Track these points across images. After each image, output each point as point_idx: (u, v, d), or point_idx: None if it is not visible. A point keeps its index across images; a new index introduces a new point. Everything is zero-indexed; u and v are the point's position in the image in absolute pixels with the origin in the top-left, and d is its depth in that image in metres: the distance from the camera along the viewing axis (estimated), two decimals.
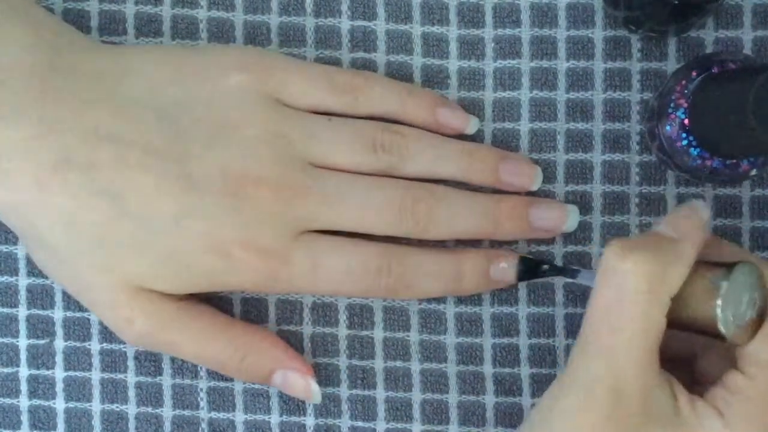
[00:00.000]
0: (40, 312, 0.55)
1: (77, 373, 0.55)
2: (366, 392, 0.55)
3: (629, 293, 0.45)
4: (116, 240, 0.50)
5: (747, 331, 0.46)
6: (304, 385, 0.53)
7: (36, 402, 0.55)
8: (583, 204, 0.54)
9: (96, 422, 0.55)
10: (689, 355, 0.50)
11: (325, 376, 0.55)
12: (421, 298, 0.54)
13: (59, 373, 0.55)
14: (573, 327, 0.54)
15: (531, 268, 0.52)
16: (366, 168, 0.51)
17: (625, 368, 0.45)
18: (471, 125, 0.53)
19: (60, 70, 0.50)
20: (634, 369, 0.45)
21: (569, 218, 0.53)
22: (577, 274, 0.51)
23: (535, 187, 0.53)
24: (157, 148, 0.50)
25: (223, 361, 0.52)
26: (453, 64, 0.54)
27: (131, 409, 0.55)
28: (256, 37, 0.54)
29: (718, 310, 0.45)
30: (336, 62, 0.54)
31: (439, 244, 0.53)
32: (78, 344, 0.55)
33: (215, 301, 0.54)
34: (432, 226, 0.51)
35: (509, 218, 0.52)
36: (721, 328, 0.45)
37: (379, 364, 0.55)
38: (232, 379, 0.55)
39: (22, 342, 0.55)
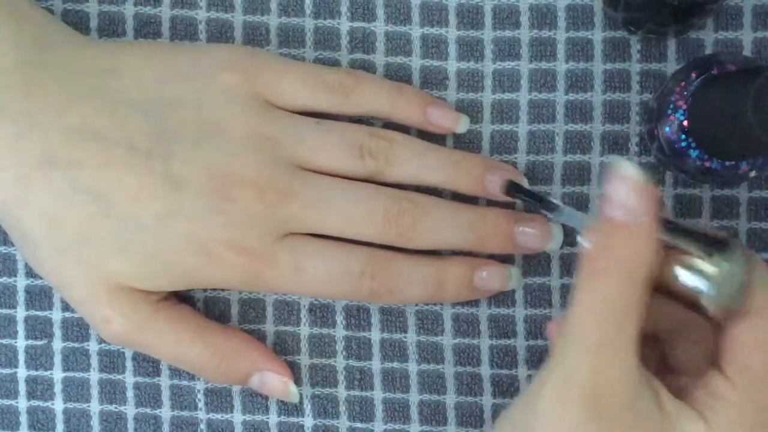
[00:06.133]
0: (39, 313, 0.55)
1: (76, 374, 0.55)
2: (364, 393, 0.54)
3: (617, 285, 0.43)
4: (98, 238, 0.50)
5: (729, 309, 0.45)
6: (282, 386, 0.53)
7: (34, 403, 0.55)
8: (581, 205, 0.54)
9: (95, 423, 0.55)
10: (654, 334, 0.49)
11: (322, 377, 0.55)
12: (403, 303, 0.54)
13: (58, 374, 0.55)
14: None
15: (517, 189, 0.50)
16: (352, 173, 0.51)
17: (613, 365, 0.43)
18: (461, 125, 0.53)
19: (46, 65, 0.50)
20: (620, 367, 0.44)
21: (554, 237, 0.53)
22: (557, 210, 0.48)
23: None
24: (142, 147, 0.49)
25: (200, 365, 0.52)
26: (452, 65, 0.54)
27: (130, 409, 0.55)
28: (255, 38, 0.54)
29: (707, 292, 0.44)
30: (335, 63, 0.54)
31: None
32: (76, 345, 0.55)
33: (212, 301, 0.54)
34: (415, 237, 0.51)
35: (493, 235, 0.52)
36: (707, 307, 0.45)
37: (376, 365, 0.54)
38: None
39: (21, 343, 0.55)
